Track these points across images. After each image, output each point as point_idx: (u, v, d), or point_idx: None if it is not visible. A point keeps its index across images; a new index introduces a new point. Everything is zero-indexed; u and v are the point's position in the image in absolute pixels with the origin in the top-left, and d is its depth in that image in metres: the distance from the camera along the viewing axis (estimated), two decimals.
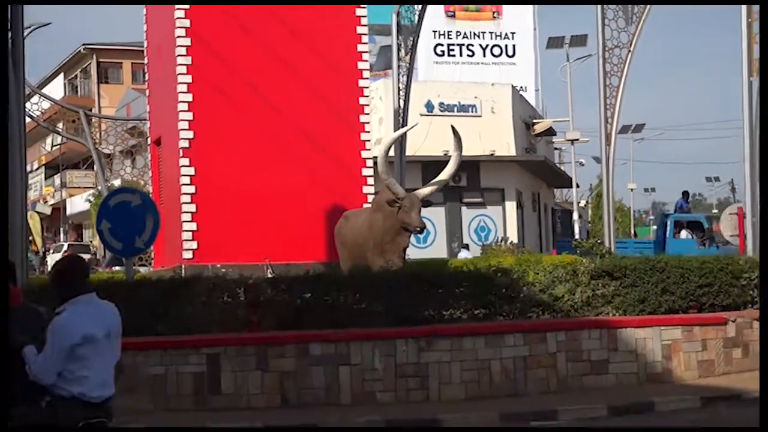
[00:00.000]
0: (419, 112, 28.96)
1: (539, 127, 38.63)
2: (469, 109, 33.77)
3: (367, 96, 19.24)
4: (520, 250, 24.43)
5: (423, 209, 14.39)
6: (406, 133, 18.84)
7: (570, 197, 50.22)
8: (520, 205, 35.52)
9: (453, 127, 15.26)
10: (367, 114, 19.22)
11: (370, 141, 19.29)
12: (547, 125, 40.02)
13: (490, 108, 34.15)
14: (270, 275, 14.76)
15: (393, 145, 17.46)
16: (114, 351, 6.17)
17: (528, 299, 13.25)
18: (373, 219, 14.69)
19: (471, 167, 31.81)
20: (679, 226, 28.84)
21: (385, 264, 13.96)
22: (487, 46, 45.59)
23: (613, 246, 17.30)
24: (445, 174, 14.87)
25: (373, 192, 18.18)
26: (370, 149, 19.10)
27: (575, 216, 44.42)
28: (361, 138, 18.98)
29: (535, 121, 38.83)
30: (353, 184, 18.65)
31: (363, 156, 18.91)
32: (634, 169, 64.72)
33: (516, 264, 14.36)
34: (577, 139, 42.85)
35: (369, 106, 19.36)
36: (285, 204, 18.14)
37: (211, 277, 13.15)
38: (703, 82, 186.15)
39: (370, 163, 18.74)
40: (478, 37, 45.58)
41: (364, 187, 18.73)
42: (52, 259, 48.08)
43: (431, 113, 31.62)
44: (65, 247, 49.34)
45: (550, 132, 41.19)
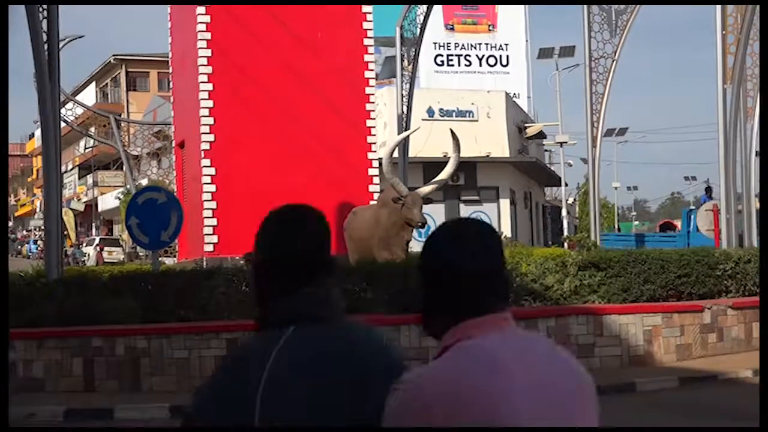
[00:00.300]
0: (421, 117, 28.91)
1: (531, 131, 38.56)
2: (467, 114, 33.73)
3: (373, 102, 19.22)
4: (513, 243, 24.41)
5: (424, 206, 14.38)
6: (408, 136, 18.81)
7: (559, 195, 50.15)
8: (513, 203, 35.50)
9: (452, 131, 15.24)
10: (373, 119, 19.19)
11: (375, 144, 19.27)
12: (538, 129, 39.93)
13: (486, 113, 34.11)
14: None
15: (397, 147, 17.44)
16: None
17: (521, 288, 13.24)
18: (378, 215, 14.68)
19: (468, 168, 31.77)
20: None
21: (389, 256, 13.95)
22: (483, 56, 45.55)
23: (599, 239, 17.28)
24: (444, 174, 14.86)
25: (379, 190, 18.16)
26: (375, 151, 19.08)
27: (564, 212, 44.38)
28: (368, 141, 18.97)
29: (527, 125, 38.74)
30: (360, 182, 18.63)
31: (369, 157, 18.89)
32: (617, 169, 64.77)
33: (509, 256, 14.35)
34: (566, 142, 42.79)
35: (375, 111, 19.33)
36: (297, 201, 18.05)
37: (230, 269, 13.14)
38: (682, 90, 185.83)
39: (375, 163, 18.72)
40: (475, 48, 45.55)
41: (370, 185, 18.71)
42: (85, 251, 48.19)
43: (432, 118, 31.59)
44: (97, 241, 49.41)
45: (540, 135, 41.11)
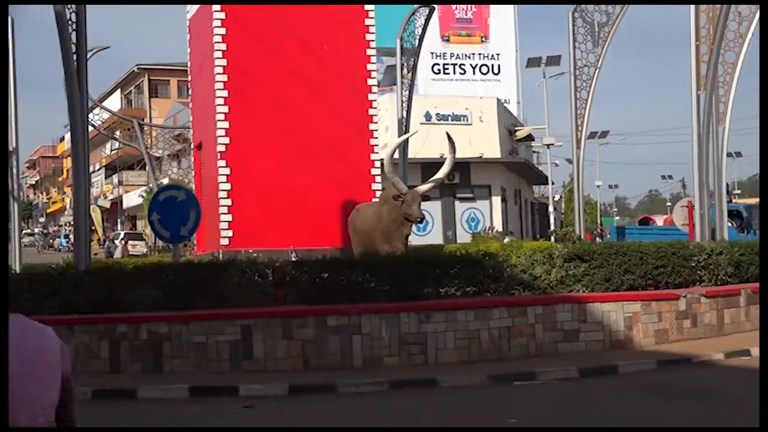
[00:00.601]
0: (419, 121, 28.88)
1: (520, 134, 38.52)
2: (461, 118, 33.70)
3: (375, 108, 19.19)
4: (505, 237, 24.38)
5: (422, 203, 14.35)
6: (408, 138, 18.79)
7: (546, 193, 50.09)
8: (504, 200, 35.47)
9: (448, 134, 15.22)
10: (375, 123, 19.16)
11: (377, 146, 19.24)
12: (527, 132, 39.90)
13: (479, 118, 34.09)
14: (294, 258, 14.74)
15: (397, 149, 17.41)
16: None
17: (511, 278, 13.22)
18: (380, 211, 14.66)
19: (463, 168, 31.76)
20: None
21: (390, 249, 13.93)
22: (476, 65, 45.50)
23: (583, 234, 17.22)
24: (441, 173, 14.83)
25: (380, 188, 18.14)
26: (377, 152, 19.05)
27: (551, 209, 44.38)
28: (370, 143, 18.94)
29: (516, 128, 38.71)
30: (363, 181, 18.60)
31: (371, 158, 18.87)
32: (600, 169, 64.63)
33: (501, 249, 14.33)
34: (552, 144, 42.68)
35: (377, 116, 19.30)
36: (306, 198, 18.12)
37: (244, 260, 13.12)
38: (659, 95, 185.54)
39: (377, 164, 18.69)
40: (469, 57, 45.50)
41: (372, 184, 18.68)
42: (108, 247, 48.13)
43: (429, 122, 31.56)
44: (122, 235, 49.38)
45: (529, 138, 41.07)
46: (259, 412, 9.52)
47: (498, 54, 45.62)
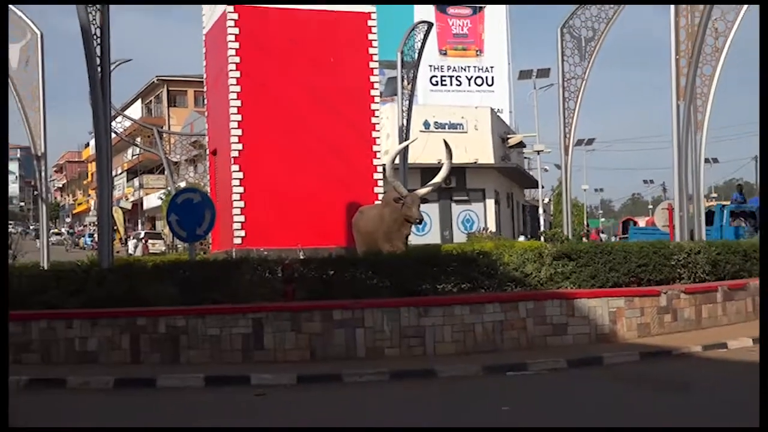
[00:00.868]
0: (418, 129, 28.89)
1: (512, 141, 38.54)
2: (457, 126, 33.73)
3: (377, 116, 19.15)
4: (498, 237, 24.36)
5: (421, 205, 14.34)
6: (408, 145, 18.76)
7: (536, 196, 50.06)
8: (497, 202, 35.49)
9: (445, 141, 15.19)
10: (378, 130, 19.13)
11: (379, 152, 19.20)
12: (519, 139, 39.90)
13: (474, 126, 34.11)
14: (302, 257, 14.72)
15: (398, 155, 17.41)
16: None
17: (504, 276, 13.19)
18: (382, 213, 14.64)
19: (459, 172, 31.79)
20: (735, 216, 27.00)
21: (391, 248, 13.91)
22: (471, 77, 45.49)
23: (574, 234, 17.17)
24: (438, 177, 14.81)
25: (382, 192, 18.12)
26: (379, 158, 19.02)
27: (540, 211, 44.44)
28: (373, 149, 18.89)
29: (509, 136, 38.70)
30: (366, 185, 18.56)
31: (374, 163, 18.82)
32: (586, 174, 64.84)
33: (494, 248, 14.30)
34: (542, 150, 42.70)
35: (379, 124, 19.26)
36: (313, 201, 18.09)
37: (256, 258, 13.10)
38: (642, 106, 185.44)
39: (379, 169, 18.67)
40: (464, 70, 45.49)
41: (374, 187, 18.64)
42: (132, 244, 48.17)
43: (428, 130, 31.61)
44: (142, 235, 49.42)
45: (520, 145, 41.09)
46: (270, 399, 9.50)
47: (492, 67, 45.61)
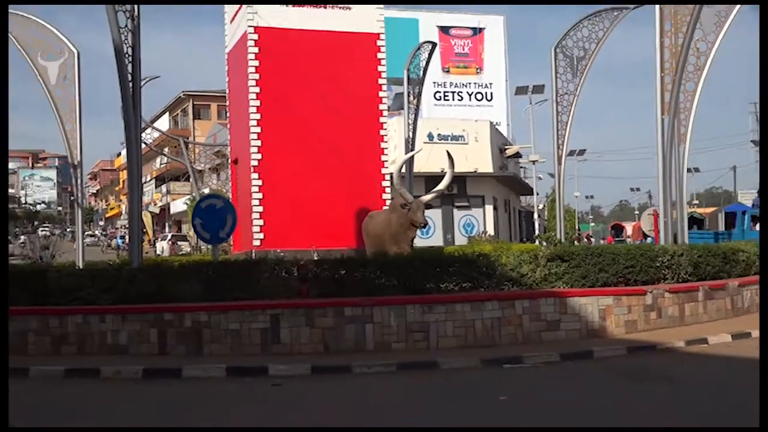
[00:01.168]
0: (423, 140, 28.87)
1: (509, 152, 38.45)
2: (459, 138, 33.68)
3: (385, 128, 19.16)
4: (496, 240, 24.32)
5: (426, 210, 14.34)
6: (413, 155, 18.78)
7: (532, 202, 49.97)
8: (495, 208, 35.42)
9: (447, 152, 15.21)
10: (386, 142, 19.14)
11: (387, 161, 19.21)
12: (515, 150, 39.81)
13: (474, 138, 34.06)
14: (316, 257, 14.74)
15: (404, 164, 17.41)
16: None
17: (502, 276, 13.17)
18: (389, 217, 14.66)
19: (460, 181, 31.75)
20: (756, 219, 26.73)
21: (398, 250, 13.92)
22: (472, 93, 45.46)
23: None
24: (442, 185, 14.82)
25: (390, 198, 18.12)
26: (387, 167, 19.03)
27: (535, 216, 44.32)
28: (381, 159, 18.90)
29: (506, 147, 38.63)
30: (375, 192, 18.58)
31: (382, 172, 18.83)
32: (578, 182, 64.61)
33: (493, 250, 14.28)
34: (537, 160, 42.58)
35: (387, 135, 19.27)
36: (326, 206, 18.11)
37: (273, 259, 13.12)
38: (629, 119, 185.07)
39: (387, 177, 18.67)
40: (466, 86, 45.47)
41: (382, 194, 18.64)
42: (160, 246, 48.23)
43: (432, 141, 31.57)
44: (169, 237, 49.43)
45: (517, 155, 41.00)
46: (286, 389, 9.51)
47: (491, 83, 45.59)
